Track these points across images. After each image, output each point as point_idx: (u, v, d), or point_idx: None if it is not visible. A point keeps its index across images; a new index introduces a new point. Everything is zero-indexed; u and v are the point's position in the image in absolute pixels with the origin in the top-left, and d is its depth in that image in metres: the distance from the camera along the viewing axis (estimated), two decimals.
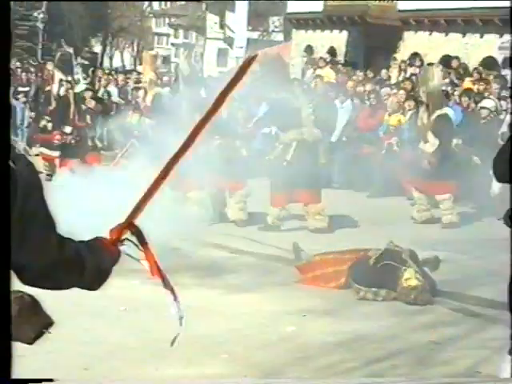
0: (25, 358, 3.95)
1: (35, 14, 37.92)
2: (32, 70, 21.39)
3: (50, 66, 16.60)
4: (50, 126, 14.04)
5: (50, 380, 4.40)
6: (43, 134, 14.54)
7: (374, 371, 5.42)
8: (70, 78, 14.66)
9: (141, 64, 43.25)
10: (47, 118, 14.31)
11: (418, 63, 20.51)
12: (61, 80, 14.08)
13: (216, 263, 8.55)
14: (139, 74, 20.71)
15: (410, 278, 7.42)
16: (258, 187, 10.77)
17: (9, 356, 3.91)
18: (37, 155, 14.30)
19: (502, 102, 13.71)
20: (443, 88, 14.99)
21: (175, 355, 5.55)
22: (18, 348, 2.57)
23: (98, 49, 48.71)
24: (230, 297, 7.26)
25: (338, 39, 25.36)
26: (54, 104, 14.25)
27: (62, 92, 13.94)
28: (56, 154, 13.61)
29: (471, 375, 5.54)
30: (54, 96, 14.25)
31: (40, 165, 12.85)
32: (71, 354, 5.48)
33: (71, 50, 17.40)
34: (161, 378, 5.22)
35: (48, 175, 12.74)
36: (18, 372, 2.47)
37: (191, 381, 5.29)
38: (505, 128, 11.99)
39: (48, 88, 15.25)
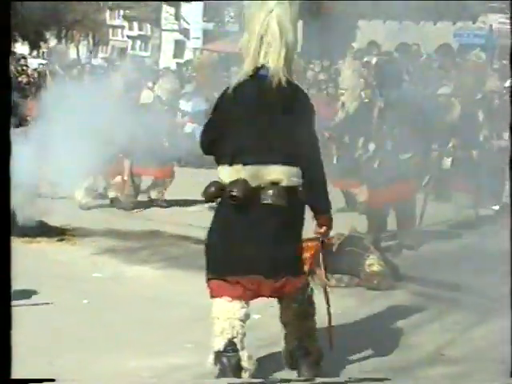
0: None
1: None
2: None
3: None
4: None
5: (52, 380, 4.35)
6: None
7: (330, 360, 5.41)
8: None
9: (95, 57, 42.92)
10: None
11: (375, 51, 20.71)
12: None
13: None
14: None
15: (372, 263, 7.47)
16: None
17: (8, 356, 3.87)
18: None
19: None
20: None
21: (139, 346, 5.55)
22: None
23: (52, 42, 48.20)
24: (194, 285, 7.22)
25: None
26: None
27: None
28: None
29: (435, 358, 5.57)
30: None
31: None
32: (34, 348, 5.41)
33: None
34: (126, 370, 5.16)
35: None
36: None
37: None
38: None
39: None
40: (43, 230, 8.81)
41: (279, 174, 4.62)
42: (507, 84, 14.11)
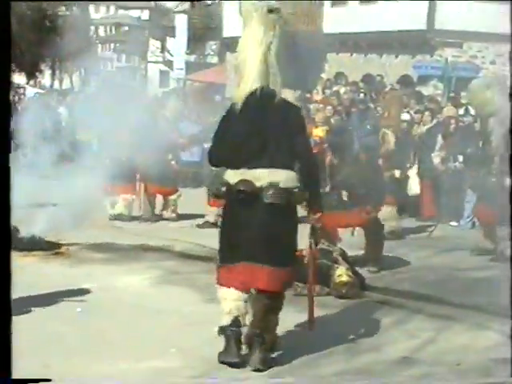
0: None
1: None
2: None
3: None
4: None
5: (48, 380, 4.30)
6: None
7: (305, 362, 5.41)
8: None
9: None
10: None
11: (343, 82, 20.91)
12: None
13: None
14: None
15: (341, 274, 7.49)
16: None
17: (8, 356, 3.81)
18: None
19: (418, 115, 13.93)
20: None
21: (128, 351, 5.53)
22: None
23: (47, 73, 48.06)
24: (179, 295, 7.21)
25: None
26: None
27: None
28: None
29: (399, 361, 5.57)
30: None
31: None
32: (30, 352, 5.35)
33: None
34: (116, 372, 5.13)
35: None
36: None
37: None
38: None
39: None
40: (39, 245, 8.74)
41: (278, 176, 5.04)
42: (461, 112, 14.30)
